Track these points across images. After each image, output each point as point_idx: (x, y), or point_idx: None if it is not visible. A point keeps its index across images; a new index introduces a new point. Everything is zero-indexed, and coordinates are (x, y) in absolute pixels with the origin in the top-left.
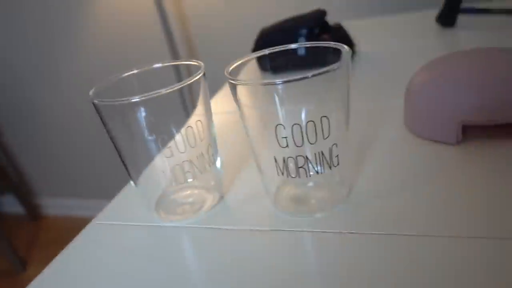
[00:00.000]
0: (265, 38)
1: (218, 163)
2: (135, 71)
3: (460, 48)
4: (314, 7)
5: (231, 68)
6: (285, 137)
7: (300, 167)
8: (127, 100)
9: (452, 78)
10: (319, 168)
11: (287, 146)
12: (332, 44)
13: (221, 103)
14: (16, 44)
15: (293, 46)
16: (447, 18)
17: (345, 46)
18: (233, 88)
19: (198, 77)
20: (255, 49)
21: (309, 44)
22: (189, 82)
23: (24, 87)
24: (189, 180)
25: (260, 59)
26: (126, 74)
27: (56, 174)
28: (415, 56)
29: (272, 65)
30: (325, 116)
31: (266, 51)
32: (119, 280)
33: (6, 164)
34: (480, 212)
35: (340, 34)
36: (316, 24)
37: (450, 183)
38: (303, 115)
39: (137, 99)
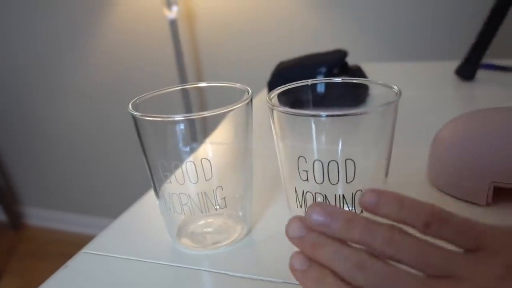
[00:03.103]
0: (283, 72)
1: (251, 193)
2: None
3: (478, 102)
4: (324, 45)
5: (272, 95)
6: (308, 171)
7: None
8: (170, 118)
9: (485, 136)
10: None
11: (321, 182)
12: (380, 83)
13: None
14: (23, 51)
15: (336, 79)
16: (466, 72)
17: (396, 87)
18: (272, 114)
19: (246, 102)
20: (271, 82)
21: (359, 80)
22: (235, 107)
23: (25, 96)
24: (217, 207)
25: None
26: (168, 89)
27: (43, 185)
28: (432, 105)
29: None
30: (363, 157)
31: (309, 81)
32: None
33: None
34: None
35: (358, 77)
36: (336, 64)
37: None
38: (339, 153)
39: (180, 118)
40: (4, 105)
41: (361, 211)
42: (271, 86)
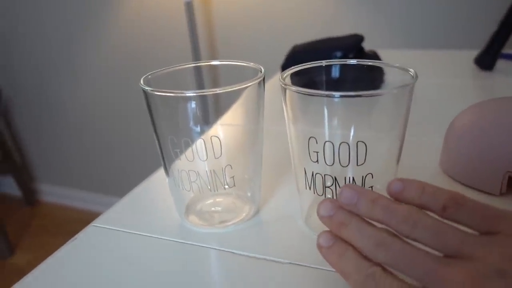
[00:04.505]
0: (298, 56)
1: (260, 174)
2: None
3: (496, 92)
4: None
5: (285, 75)
6: (319, 152)
7: (328, 187)
8: (181, 93)
9: (501, 125)
10: None
11: (332, 163)
12: (397, 66)
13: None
14: (39, 34)
15: (351, 61)
16: (486, 61)
17: (412, 70)
18: (284, 93)
19: (258, 80)
20: (285, 65)
21: (374, 62)
22: (247, 85)
23: (42, 75)
24: (226, 186)
25: (297, 74)
26: (180, 66)
27: (59, 162)
28: (449, 94)
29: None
30: (375, 140)
31: (323, 63)
32: None
33: (12, 146)
34: None
35: None
36: (352, 49)
37: None
38: (351, 135)
39: (191, 94)
40: (21, 85)
41: None
42: (285, 69)
